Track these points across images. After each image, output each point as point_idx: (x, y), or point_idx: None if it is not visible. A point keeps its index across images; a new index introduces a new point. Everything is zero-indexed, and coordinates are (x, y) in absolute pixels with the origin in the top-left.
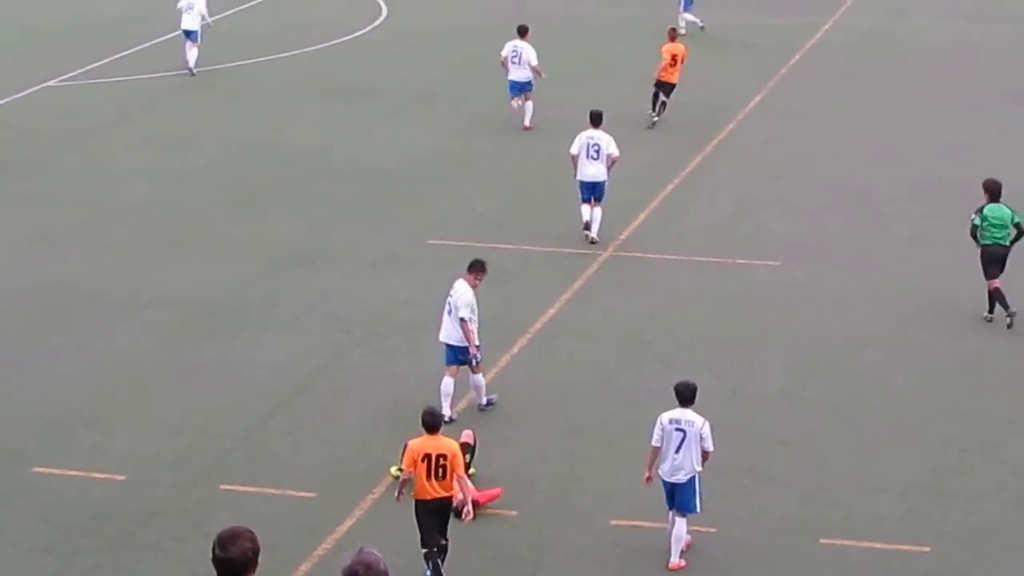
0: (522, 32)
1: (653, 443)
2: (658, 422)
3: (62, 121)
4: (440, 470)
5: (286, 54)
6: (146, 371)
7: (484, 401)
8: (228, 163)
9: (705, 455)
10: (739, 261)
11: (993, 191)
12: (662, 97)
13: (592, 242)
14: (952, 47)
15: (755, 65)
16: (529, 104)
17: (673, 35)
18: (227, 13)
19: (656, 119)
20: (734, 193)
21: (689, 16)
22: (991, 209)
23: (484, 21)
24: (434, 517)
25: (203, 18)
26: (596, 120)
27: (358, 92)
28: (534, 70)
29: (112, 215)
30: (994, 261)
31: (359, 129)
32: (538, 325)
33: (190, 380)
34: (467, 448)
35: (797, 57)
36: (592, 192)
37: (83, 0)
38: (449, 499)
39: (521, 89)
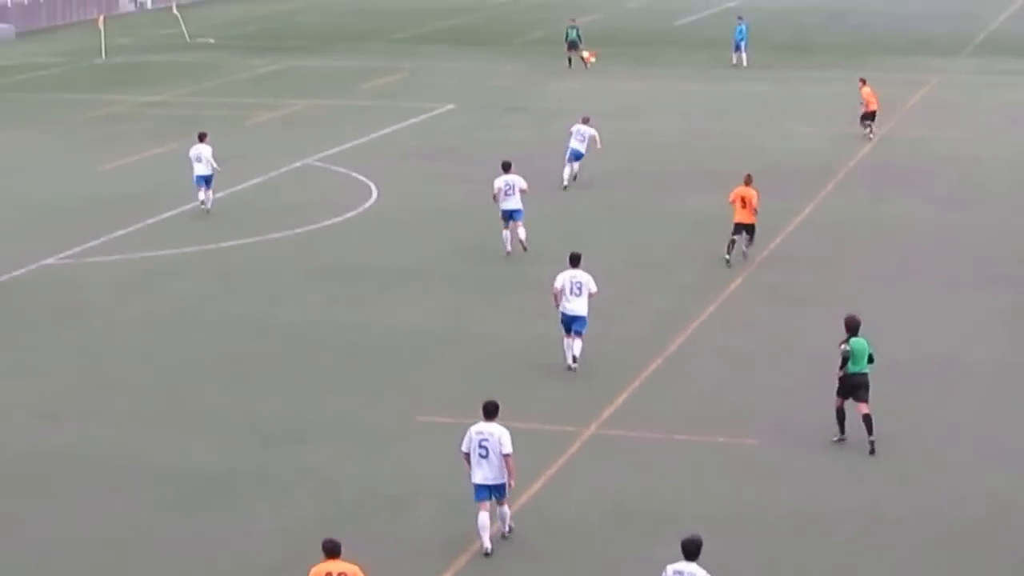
0: (507, 167)
1: None
2: (663, 571)
3: (60, 298)
4: None
5: (279, 234)
6: (141, 540)
7: (508, 528)
8: (221, 339)
9: None
10: (719, 439)
11: (854, 327)
12: (744, 236)
13: (570, 369)
14: (931, 231)
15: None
16: (521, 229)
17: (748, 180)
18: (222, 194)
19: (728, 259)
20: (713, 373)
21: (568, 171)
22: (855, 342)
23: (471, 203)
24: None
25: (212, 167)
26: (575, 262)
27: (349, 271)
28: (523, 192)
29: (108, 388)
30: (857, 387)
31: (350, 306)
32: (523, 499)
33: (184, 549)
34: None
35: (778, 240)
36: (572, 325)
37: (81, 180)
38: None
39: (512, 216)
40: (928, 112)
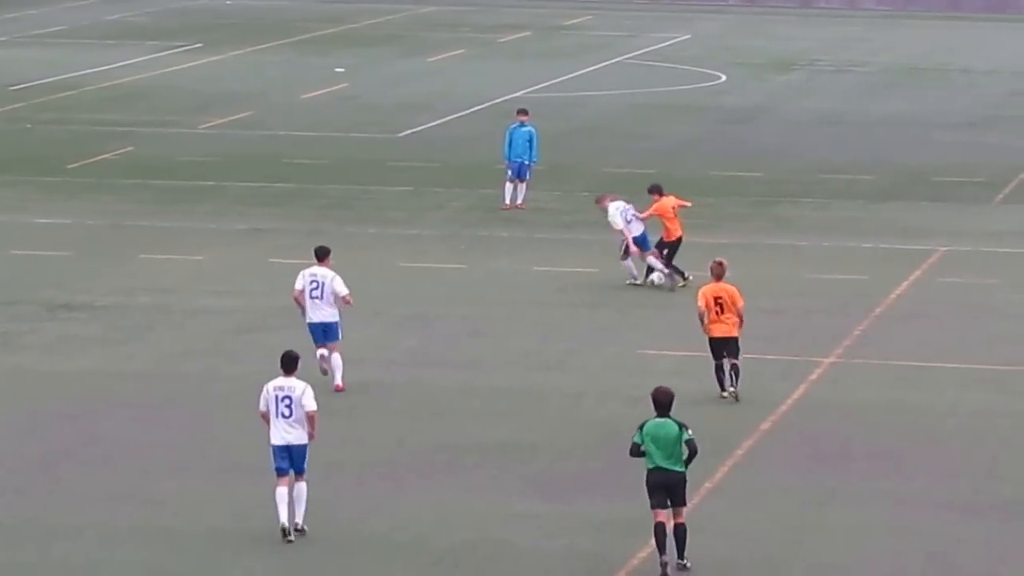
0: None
1: None
2: None
3: None
4: None
5: None
6: None
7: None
8: None
9: None
10: None
11: (661, 403)
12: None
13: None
14: None
15: None
16: None
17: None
18: None
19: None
20: None
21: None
22: (654, 425)
23: None
24: None
25: None
26: None
27: None
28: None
29: None
30: (660, 488)
31: None
32: None
33: None
34: None
35: None
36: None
37: None
38: None
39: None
40: (918, 319)
